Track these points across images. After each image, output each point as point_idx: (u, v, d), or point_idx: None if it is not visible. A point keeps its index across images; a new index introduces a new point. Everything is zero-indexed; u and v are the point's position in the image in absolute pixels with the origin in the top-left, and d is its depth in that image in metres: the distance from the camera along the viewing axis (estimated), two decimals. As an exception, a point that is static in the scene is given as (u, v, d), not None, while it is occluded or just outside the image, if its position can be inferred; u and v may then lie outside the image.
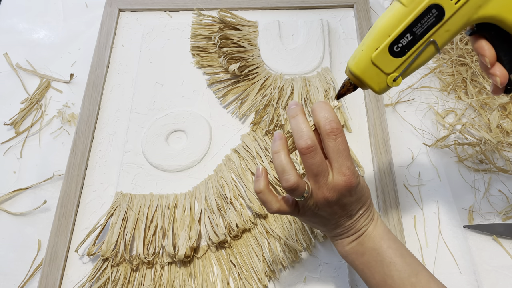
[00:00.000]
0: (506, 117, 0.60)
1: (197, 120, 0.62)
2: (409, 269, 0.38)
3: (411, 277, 0.38)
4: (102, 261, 0.52)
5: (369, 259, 0.40)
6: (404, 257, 0.39)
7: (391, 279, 0.38)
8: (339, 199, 0.37)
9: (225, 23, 0.67)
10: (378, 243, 0.40)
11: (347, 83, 0.38)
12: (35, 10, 0.76)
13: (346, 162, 0.36)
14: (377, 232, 0.40)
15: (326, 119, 0.36)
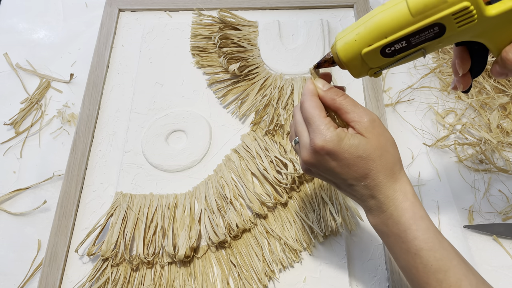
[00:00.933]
0: (506, 117, 0.60)
1: (197, 120, 0.62)
2: (437, 264, 0.35)
3: (438, 273, 0.35)
4: (102, 261, 0.52)
5: (394, 243, 0.37)
6: (433, 250, 0.35)
7: (416, 269, 0.36)
8: (317, 161, 0.37)
9: (225, 23, 0.67)
10: (404, 231, 0.36)
11: (329, 59, 0.39)
12: (35, 10, 0.76)
13: (316, 127, 0.37)
14: (404, 217, 0.36)
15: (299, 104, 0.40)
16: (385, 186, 0.37)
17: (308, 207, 0.54)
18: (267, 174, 0.55)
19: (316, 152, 0.37)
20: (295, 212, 0.54)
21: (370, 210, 0.39)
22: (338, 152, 0.36)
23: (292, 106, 0.60)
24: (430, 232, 0.36)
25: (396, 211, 0.37)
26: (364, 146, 0.36)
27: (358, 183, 0.37)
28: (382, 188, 0.37)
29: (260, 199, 0.54)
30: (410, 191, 0.38)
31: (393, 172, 0.38)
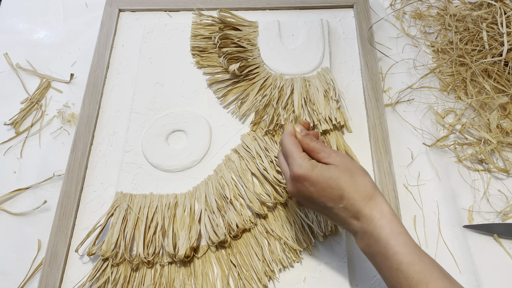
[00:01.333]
0: (505, 117, 0.60)
1: (197, 120, 0.62)
2: (418, 277, 0.37)
3: (419, 285, 0.36)
4: (102, 261, 0.52)
5: (379, 263, 0.39)
6: (413, 264, 0.37)
7: (400, 284, 0.38)
8: (298, 189, 0.42)
9: (225, 23, 0.67)
10: (384, 247, 0.38)
11: None
12: (35, 10, 0.76)
13: (293, 160, 0.42)
14: (382, 234, 0.39)
15: None
16: (361, 205, 0.40)
17: (308, 207, 0.54)
18: (267, 174, 0.55)
19: (295, 181, 0.42)
20: (295, 212, 0.54)
21: (355, 234, 0.41)
22: (313, 177, 0.41)
23: (292, 106, 0.60)
24: (408, 246, 0.38)
25: (375, 229, 0.39)
26: (334, 170, 0.41)
27: (336, 205, 0.41)
28: (358, 208, 0.40)
29: (260, 199, 0.54)
30: (387, 209, 0.40)
31: (367, 192, 0.40)
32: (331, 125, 0.58)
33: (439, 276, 0.37)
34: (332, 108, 0.59)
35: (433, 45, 0.69)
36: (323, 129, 0.58)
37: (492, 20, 0.62)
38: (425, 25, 0.71)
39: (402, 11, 0.73)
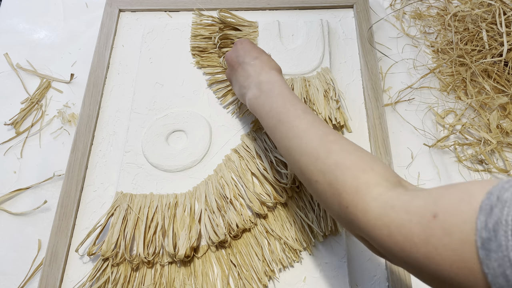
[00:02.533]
0: (505, 117, 0.60)
1: (197, 120, 0.62)
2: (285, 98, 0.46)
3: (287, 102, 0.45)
4: (102, 261, 0.52)
5: (265, 103, 0.47)
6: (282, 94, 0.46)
7: (277, 104, 0.46)
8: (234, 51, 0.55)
9: (225, 23, 0.67)
10: (271, 85, 0.48)
11: None
12: (36, 10, 0.76)
13: None
14: (273, 78, 0.49)
15: None
16: (264, 69, 0.50)
17: (308, 207, 0.54)
18: (267, 174, 0.55)
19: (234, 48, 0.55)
20: (295, 212, 0.54)
21: (249, 87, 0.50)
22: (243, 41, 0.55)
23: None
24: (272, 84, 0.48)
25: (267, 79, 0.49)
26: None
27: (252, 60, 0.51)
28: (261, 68, 0.50)
29: (260, 199, 0.54)
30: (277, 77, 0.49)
31: (274, 66, 0.52)
32: (331, 125, 0.58)
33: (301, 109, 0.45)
34: (332, 108, 0.59)
35: (433, 45, 0.69)
36: (323, 129, 0.58)
37: (491, 20, 0.62)
38: (425, 25, 0.71)
39: (402, 11, 0.73)
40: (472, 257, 0.25)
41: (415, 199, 0.31)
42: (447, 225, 0.27)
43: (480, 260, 0.25)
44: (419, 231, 0.29)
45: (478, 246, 0.25)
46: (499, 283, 0.24)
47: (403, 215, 0.30)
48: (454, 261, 0.26)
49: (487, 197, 0.26)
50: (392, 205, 0.32)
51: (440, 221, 0.28)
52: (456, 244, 0.26)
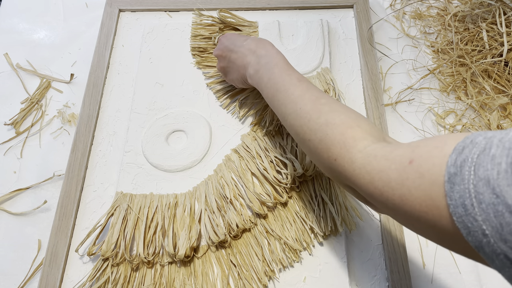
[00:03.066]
0: (506, 117, 0.60)
1: (197, 120, 0.62)
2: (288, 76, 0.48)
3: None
4: (102, 261, 0.52)
5: (266, 74, 0.49)
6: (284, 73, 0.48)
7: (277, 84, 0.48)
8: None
9: (225, 23, 0.67)
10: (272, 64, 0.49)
11: None
12: (35, 10, 0.76)
13: None
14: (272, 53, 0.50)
15: None
16: (258, 46, 0.52)
17: (308, 207, 0.54)
18: (267, 174, 0.55)
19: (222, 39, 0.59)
20: (295, 212, 0.54)
21: (249, 64, 0.52)
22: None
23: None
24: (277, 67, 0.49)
25: (267, 55, 0.51)
26: None
27: (243, 42, 0.54)
28: (255, 46, 0.52)
29: (260, 199, 0.54)
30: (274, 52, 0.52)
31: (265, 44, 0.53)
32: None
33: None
34: (332, 108, 0.59)
35: (433, 46, 0.69)
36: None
37: (491, 20, 0.62)
38: (425, 25, 0.71)
39: (402, 11, 0.73)
40: (439, 195, 0.28)
41: (395, 149, 0.34)
42: (420, 169, 0.30)
43: (445, 193, 0.27)
44: (396, 176, 0.32)
45: (445, 180, 0.28)
46: (459, 212, 0.26)
47: (383, 162, 0.34)
48: (423, 200, 0.29)
49: (462, 140, 0.28)
50: (375, 155, 0.35)
51: (415, 166, 0.31)
52: (426, 185, 0.29)
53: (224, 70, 0.58)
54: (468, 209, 0.26)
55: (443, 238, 0.30)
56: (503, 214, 0.24)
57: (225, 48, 0.56)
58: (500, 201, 0.24)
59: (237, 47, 0.54)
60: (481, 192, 0.25)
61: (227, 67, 0.57)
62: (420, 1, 0.74)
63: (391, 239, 0.52)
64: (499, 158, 0.25)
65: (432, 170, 0.29)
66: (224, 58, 0.57)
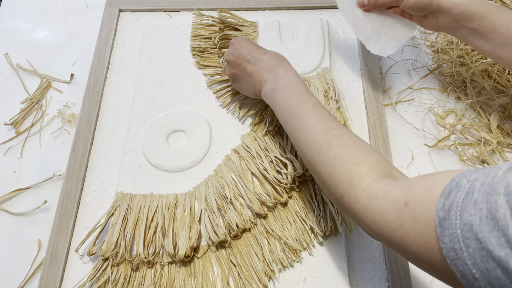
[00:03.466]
0: (506, 117, 0.60)
1: (197, 120, 0.62)
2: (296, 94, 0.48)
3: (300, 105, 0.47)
4: (103, 261, 0.52)
5: (281, 95, 0.49)
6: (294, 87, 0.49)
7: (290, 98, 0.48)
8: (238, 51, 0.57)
9: (225, 23, 0.67)
10: (287, 83, 0.50)
11: None
12: (35, 10, 0.76)
13: None
14: (289, 73, 0.51)
15: None
16: (275, 63, 0.52)
17: (308, 207, 0.54)
18: (267, 174, 0.55)
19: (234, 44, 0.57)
20: (295, 212, 0.54)
21: (266, 81, 0.52)
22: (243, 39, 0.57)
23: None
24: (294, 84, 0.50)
25: (284, 74, 0.51)
26: None
27: (262, 56, 0.53)
28: (273, 64, 0.52)
29: (260, 199, 0.54)
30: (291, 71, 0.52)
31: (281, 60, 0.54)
32: (331, 125, 0.58)
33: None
34: (332, 108, 0.59)
35: (433, 46, 0.69)
36: (323, 129, 0.58)
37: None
38: (425, 25, 0.71)
39: (402, 11, 0.73)
40: (432, 238, 0.29)
41: (394, 189, 0.35)
42: (415, 212, 0.31)
43: (438, 237, 0.29)
44: (395, 218, 0.33)
45: (437, 224, 0.29)
46: (451, 256, 0.28)
47: (384, 203, 0.35)
48: (420, 243, 0.31)
49: (449, 183, 0.29)
50: (376, 195, 0.36)
51: (410, 208, 0.32)
52: (421, 228, 0.31)
53: (235, 77, 0.57)
54: (458, 253, 0.27)
55: (443, 278, 0.31)
56: (487, 260, 0.25)
57: (241, 56, 0.55)
58: (483, 247, 0.25)
59: (255, 59, 0.53)
60: (467, 237, 0.26)
61: (240, 76, 0.56)
62: (420, 1, 0.74)
63: (391, 239, 0.52)
64: (480, 204, 0.26)
65: (424, 214, 0.30)
66: (238, 66, 0.55)
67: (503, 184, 0.26)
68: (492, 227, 0.25)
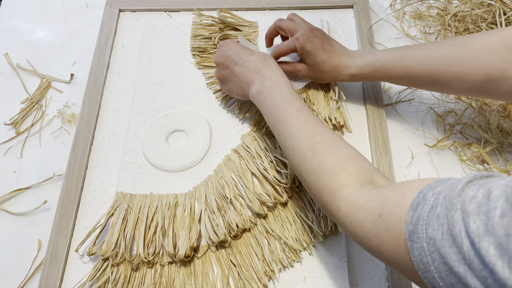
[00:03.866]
0: (506, 117, 0.60)
1: (197, 120, 0.62)
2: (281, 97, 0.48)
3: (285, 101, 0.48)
4: (102, 261, 0.52)
5: (268, 97, 0.49)
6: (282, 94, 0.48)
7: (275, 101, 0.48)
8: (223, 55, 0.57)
9: (225, 23, 0.67)
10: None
11: None
12: (35, 10, 0.76)
13: None
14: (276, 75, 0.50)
15: None
16: (263, 65, 0.52)
17: (308, 207, 0.54)
18: (267, 174, 0.55)
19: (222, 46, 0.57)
20: (295, 212, 0.54)
21: (253, 83, 0.51)
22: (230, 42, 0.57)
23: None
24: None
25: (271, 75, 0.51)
26: None
27: (249, 57, 0.53)
28: (259, 65, 0.52)
29: (260, 199, 0.54)
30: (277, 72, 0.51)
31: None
32: (331, 125, 0.59)
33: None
34: (332, 108, 0.59)
35: (433, 45, 0.69)
36: (323, 129, 0.58)
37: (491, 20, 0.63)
38: (425, 25, 0.71)
39: (402, 11, 0.73)
40: (404, 250, 0.30)
41: (371, 199, 0.35)
42: (387, 224, 0.32)
43: (408, 249, 0.29)
44: (372, 228, 0.34)
45: (407, 238, 0.29)
46: (421, 268, 0.28)
47: (361, 213, 0.35)
48: (394, 254, 0.31)
49: (417, 195, 0.30)
50: (355, 205, 0.37)
51: (383, 220, 0.32)
52: (394, 240, 0.31)
53: (223, 78, 0.57)
54: (427, 266, 0.27)
55: (422, 287, 0.31)
56: (450, 274, 0.25)
57: (228, 58, 0.55)
58: (445, 261, 0.26)
59: (242, 61, 0.53)
60: (432, 251, 0.27)
61: (227, 77, 0.56)
62: (420, 1, 0.74)
63: (391, 239, 0.52)
64: (442, 218, 0.26)
65: (396, 226, 0.31)
66: (226, 67, 0.55)
67: (459, 200, 0.26)
68: (451, 242, 0.25)
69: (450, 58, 0.46)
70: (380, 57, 0.51)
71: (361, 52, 0.54)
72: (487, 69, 0.44)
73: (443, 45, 0.48)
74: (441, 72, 0.47)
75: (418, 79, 0.50)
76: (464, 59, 0.45)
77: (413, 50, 0.50)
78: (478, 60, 0.44)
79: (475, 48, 0.45)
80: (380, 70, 0.52)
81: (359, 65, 0.53)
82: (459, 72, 0.46)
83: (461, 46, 0.46)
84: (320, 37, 0.54)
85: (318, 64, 0.54)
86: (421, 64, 0.49)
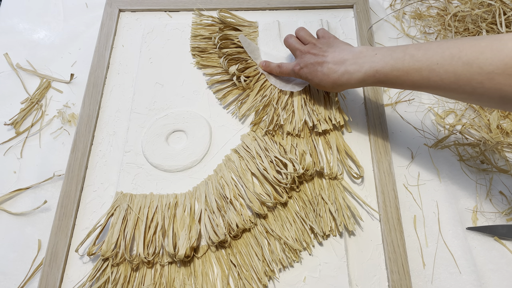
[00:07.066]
0: (506, 117, 0.60)
1: (197, 120, 0.62)
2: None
3: None
4: (102, 261, 0.52)
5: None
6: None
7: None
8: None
9: (225, 23, 0.67)
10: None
11: None
12: (35, 10, 0.77)
13: None
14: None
15: None
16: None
17: (308, 207, 0.54)
18: (267, 174, 0.55)
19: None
20: (295, 212, 0.54)
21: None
22: None
23: (292, 107, 0.60)
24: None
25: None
26: None
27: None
28: None
29: (260, 199, 0.54)
30: None
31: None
32: (330, 125, 0.59)
33: None
34: (332, 108, 0.59)
35: (433, 45, 0.69)
36: (323, 129, 0.58)
37: (491, 20, 0.63)
38: (425, 25, 0.71)
39: (402, 11, 0.73)
40: None
41: None
42: None
43: None
44: None
45: None
46: None
47: None
48: None
49: None
50: None
51: None
52: None
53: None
54: None
55: None
56: None
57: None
58: None
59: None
60: None
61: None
62: (420, 1, 0.74)
63: (391, 239, 0.52)
64: None
65: None
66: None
67: None
68: None
69: (456, 77, 0.43)
70: (379, 68, 0.49)
71: (360, 61, 0.51)
72: (501, 93, 0.41)
73: (448, 59, 0.44)
74: (450, 90, 0.45)
75: (426, 92, 0.49)
76: (474, 80, 0.42)
77: (416, 62, 0.46)
78: (490, 83, 0.41)
79: (485, 68, 0.41)
80: (383, 82, 0.50)
81: (358, 80, 0.51)
82: (470, 92, 0.44)
83: (467, 62, 0.43)
84: (313, 62, 0.54)
85: (317, 84, 0.55)
86: (427, 81, 0.46)
